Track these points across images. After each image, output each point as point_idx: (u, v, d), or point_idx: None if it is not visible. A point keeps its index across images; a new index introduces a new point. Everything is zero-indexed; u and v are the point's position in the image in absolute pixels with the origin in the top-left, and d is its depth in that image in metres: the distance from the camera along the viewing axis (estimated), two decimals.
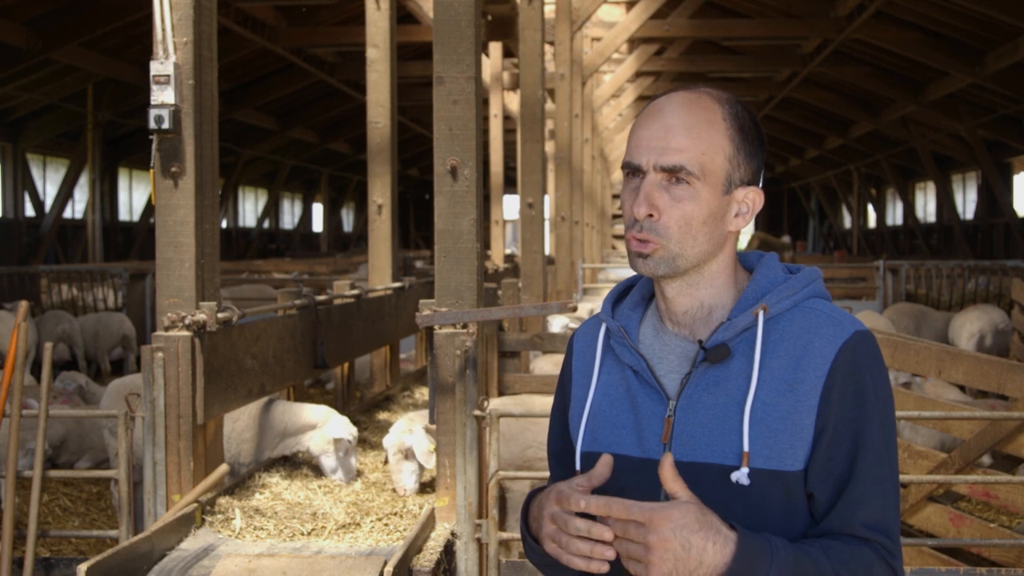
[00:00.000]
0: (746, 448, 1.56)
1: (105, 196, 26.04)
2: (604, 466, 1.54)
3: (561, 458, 1.83)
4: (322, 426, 5.17)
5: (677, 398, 1.64)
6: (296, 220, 42.00)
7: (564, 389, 1.83)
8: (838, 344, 1.59)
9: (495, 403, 5.46)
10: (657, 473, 1.58)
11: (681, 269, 1.64)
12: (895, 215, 35.88)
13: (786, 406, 1.57)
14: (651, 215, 1.62)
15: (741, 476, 1.56)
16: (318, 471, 5.20)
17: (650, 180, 1.62)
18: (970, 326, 11.03)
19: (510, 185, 20.05)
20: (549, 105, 14.61)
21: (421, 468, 4.88)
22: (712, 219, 1.64)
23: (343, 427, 5.12)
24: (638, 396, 1.68)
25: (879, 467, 1.58)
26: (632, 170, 1.65)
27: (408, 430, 4.91)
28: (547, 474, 2.19)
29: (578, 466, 1.72)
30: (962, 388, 8.07)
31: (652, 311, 1.75)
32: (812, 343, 1.60)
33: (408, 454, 4.86)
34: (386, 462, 5.06)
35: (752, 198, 1.69)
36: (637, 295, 1.78)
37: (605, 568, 1.50)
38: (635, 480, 1.65)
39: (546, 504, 1.57)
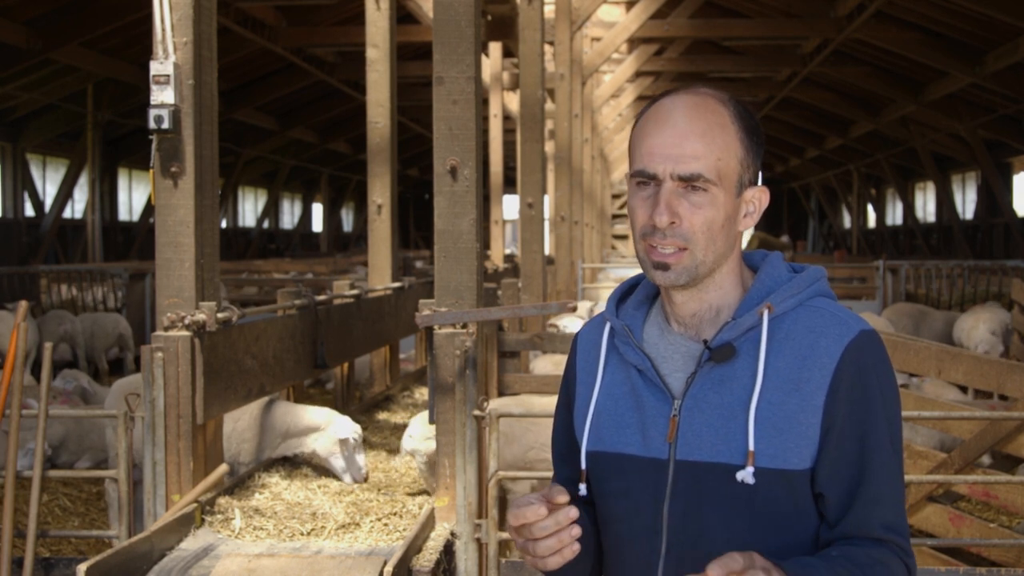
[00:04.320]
0: (751, 447, 1.56)
1: (105, 196, 26.02)
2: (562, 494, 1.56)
3: (566, 458, 1.83)
4: (326, 428, 5.16)
5: (682, 397, 1.64)
6: (296, 220, 41.98)
7: (568, 388, 1.83)
8: (844, 343, 1.59)
9: (495, 403, 5.46)
10: (662, 473, 1.61)
11: (700, 277, 1.64)
12: (895, 215, 35.87)
13: (792, 405, 1.58)
14: (673, 222, 1.61)
15: (746, 475, 1.56)
16: (318, 471, 5.20)
17: (668, 188, 1.61)
18: (983, 328, 10.94)
19: (510, 185, 20.02)
20: (549, 105, 14.60)
21: None
22: (728, 222, 1.64)
23: (348, 427, 5.11)
24: (643, 395, 1.68)
25: (890, 467, 1.59)
26: (645, 178, 1.64)
27: (431, 436, 4.87)
28: (549, 474, 2.19)
29: (583, 465, 1.72)
30: (963, 389, 8.05)
31: (656, 311, 1.75)
32: (818, 342, 1.60)
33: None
34: (418, 463, 4.99)
35: (759, 197, 1.69)
36: (641, 294, 1.78)
37: (578, 548, 1.55)
38: (640, 479, 1.65)
39: (508, 527, 1.60)
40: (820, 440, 1.57)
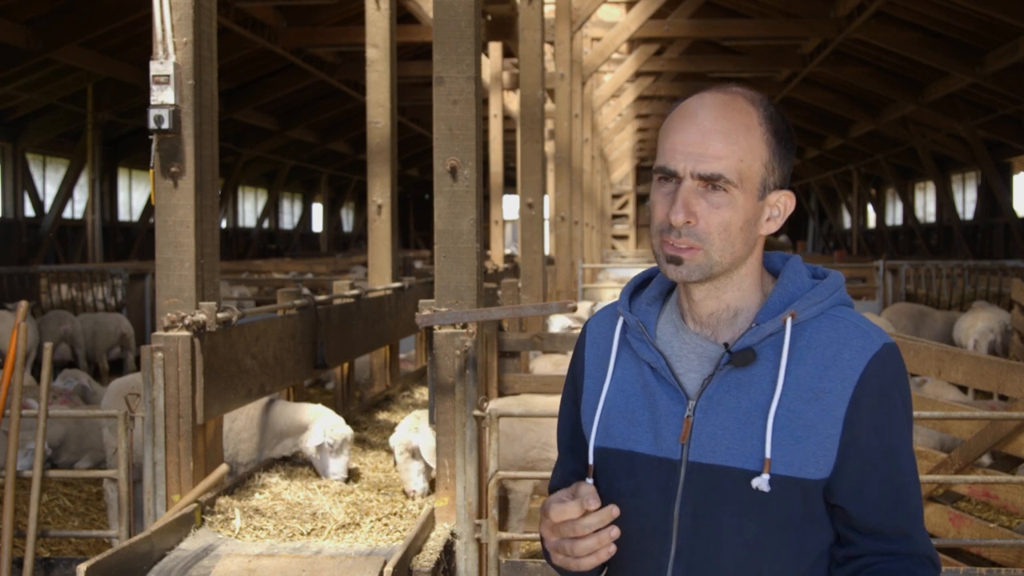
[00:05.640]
0: (768, 454, 1.55)
1: (105, 196, 26.03)
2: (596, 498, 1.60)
3: (572, 451, 1.81)
4: (312, 426, 5.19)
5: (697, 398, 1.62)
6: (296, 220, 41.99)
7: (576, 380, 1.80)
8: (867, 356, 1.58)
9: (495, 403, 5.46)
10: (673, 473, 1.61)
11: (714, 274, 1.63)
12: (895, 215, 35.88)
13: (811, 415, 1.57)
14: (689, 222, 1.59)
15: (762, 483, 1.55)
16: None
17: (687, 187, 1.60)
18: (981, 325, 10.95)
19: (510, 185, 20.02)
20: (549, 105, 14.60)
21: (428, 467, 4.87)
22: (748, 225, 1.62)
23: (324, 432, 5.12)
24: (656, 394, 1.66)
25: (916, 480, 1.61)
26: (666, 175, 1.62)
27: (415, 428, 4.92)
28: (548, 474, 2.19)
29: (591, 460, 1.70)
30: (963, 389, 8.05)
31: (671, 307, 1.72)
32: (841, 353, 1.59)
33: (415, 453, 4.86)
34: (395, 464, 5.06)
35: (784, 202, 1.68)
36: (655, 290, 1.75)
37: (614, 549, 1.59)
38: (651, 478, 1.64)
39: (541, 526, 1.62)
40: (839, 452, 1.57)
